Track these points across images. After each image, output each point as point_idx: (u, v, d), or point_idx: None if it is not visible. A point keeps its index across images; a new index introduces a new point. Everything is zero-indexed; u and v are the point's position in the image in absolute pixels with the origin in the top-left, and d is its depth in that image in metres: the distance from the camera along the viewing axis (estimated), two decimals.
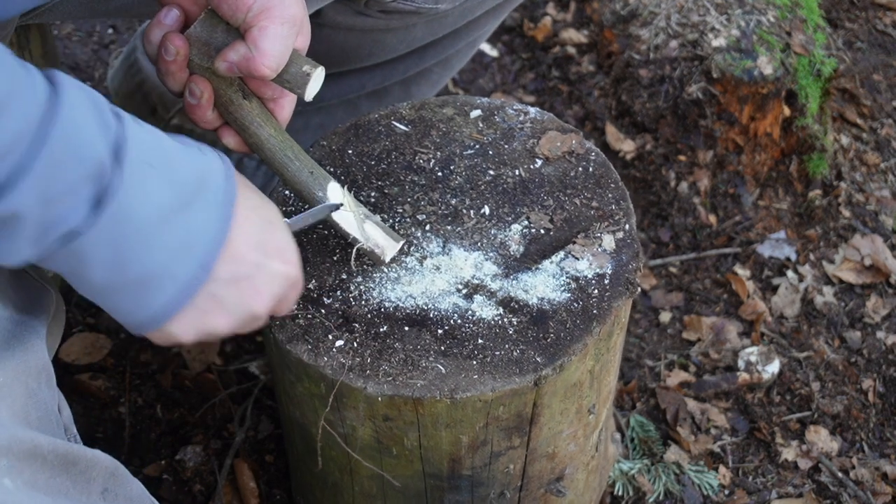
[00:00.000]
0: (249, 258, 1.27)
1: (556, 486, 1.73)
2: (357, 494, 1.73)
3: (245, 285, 1.28)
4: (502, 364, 1.44)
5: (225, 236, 1.23)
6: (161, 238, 1.18)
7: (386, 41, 1.89)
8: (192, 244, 1.21)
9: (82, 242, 1.13)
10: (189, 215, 1.20)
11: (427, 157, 1.67)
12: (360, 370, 1.43)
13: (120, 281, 1.19)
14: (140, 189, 1.15)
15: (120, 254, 1.16)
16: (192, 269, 1.21)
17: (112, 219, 1.13)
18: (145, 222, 1.16)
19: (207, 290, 1.24)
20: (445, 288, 1.52)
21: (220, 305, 1.27)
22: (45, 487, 1.19)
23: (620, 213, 1.61)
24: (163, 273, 1.20)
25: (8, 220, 1.08)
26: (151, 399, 2.28)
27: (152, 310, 1.22)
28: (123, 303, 1.22)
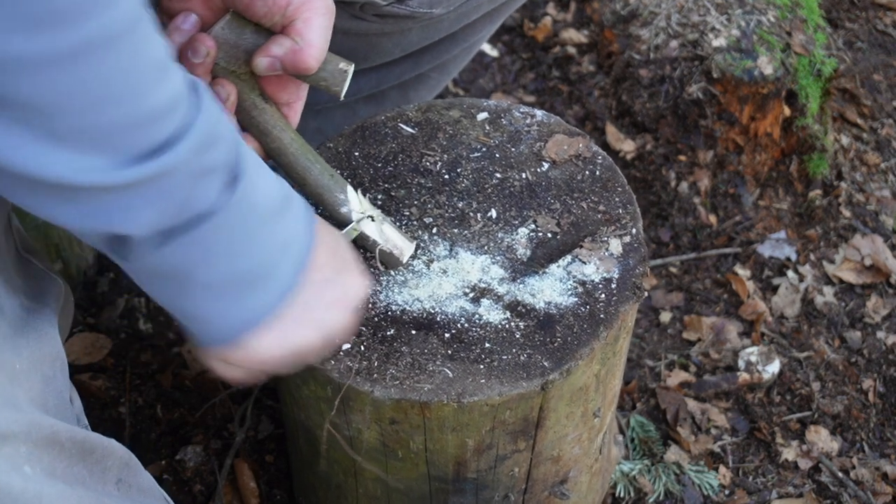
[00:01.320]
0: (331, 265, 1.30)
1: (559, 488, 1.73)
2: (361, 496, 1.72)
3: (329, 294, 1.29)
4: (509, 368, 1.44)
5: (312, 244, 1.26)
6: (270, 234, 1.21)
7: (381, 45, 1.89)
8: (290, 246, 1.23)
9: (212, 224, 1.13)
10: (287, 220, 1.23)
11: (434, 159, 1.67)
12: (367, 374, 1.43)
13: (230, 276, 1.19)
14: (259, 181, 1.18)
15: (239, 244, 1.17)
16: (290, 271, 1.23)
17: (241, 202, 1.15)
18: (263, 214, 1.19)
19: (300, 298, 1.25)
20: (452, 291, 1.52)
21: (310, 315, 1.28)
22: (64, 476, 1.19)
23: (627, 216, 1.60)
24: (268, 271, 1.21)
25: (157, 179, 1.06)
26: (152, 399, 2.27)
27: (250, 312, 1.22)
28: (220, 304, 1.21)
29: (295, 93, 1.44)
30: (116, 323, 2.37)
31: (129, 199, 1.07)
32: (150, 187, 1.06)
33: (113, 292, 2.42)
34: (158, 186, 1.07)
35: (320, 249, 1.28)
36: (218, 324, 1.23)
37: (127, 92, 1.01)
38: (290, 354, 1.28)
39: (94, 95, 0.99)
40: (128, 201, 1.07)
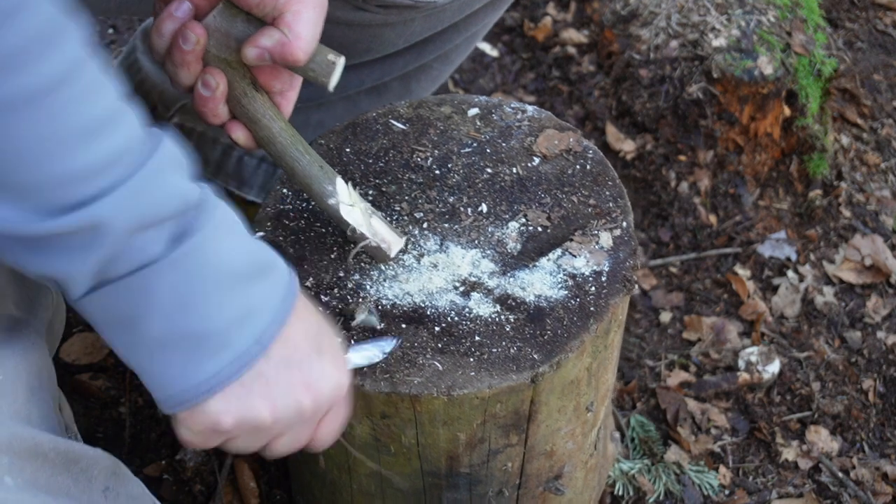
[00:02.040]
0: (303, 346, 1.24)
1: (554, 484, 1.73)
2: (356, 493, 1.72)
3: (296, 373, 1.23)
4: (499, 361, 1.44)
5: (285, 320, 1.21)
6: (229, 298, 1.16)
7: (384, 36, 1.89)
8: (254, 316, 1.18)
9: (151, 273, 1.10)
10: (256, 288, 1.18)
11: (425, 155, 1.68)
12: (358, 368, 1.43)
13: (177, 333, 1.15)
14: (219, 242, 1.14)
15: (185, 300, 1.13)
16: (249, 341, 1.18)
17: (187, 257, 1.11)
18: (218, 275, 1.14)
19: (258, 368, 1.20)
20: (443, 285, 1.52)
21: (267, 389, 1.22)
22: (47, 486, 1.19)
23: (618, 210, 1.61)
24: (221, 336, 1.16)
25: (87, 230, 1.05)
26: (152, 399, 2.27)
27: (200, 376, 1.17)
28: (171, 363, 1.17)
29: (288, 82, 1.44)
30: None
31: (55, 247, 1.06)
32: (76, 237, 1.05)
33: None
34: (85, 237, 1.06)
35: (296, 328, 1.22)
36: (169, 384, 1.18)
37: (45, 155, 1.00)
38: (243, 427, 1.23)
39: (9, 157, 0.99)
40: (54, 248, 1.06)
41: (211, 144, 2.15)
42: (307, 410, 1.25)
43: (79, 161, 1.02)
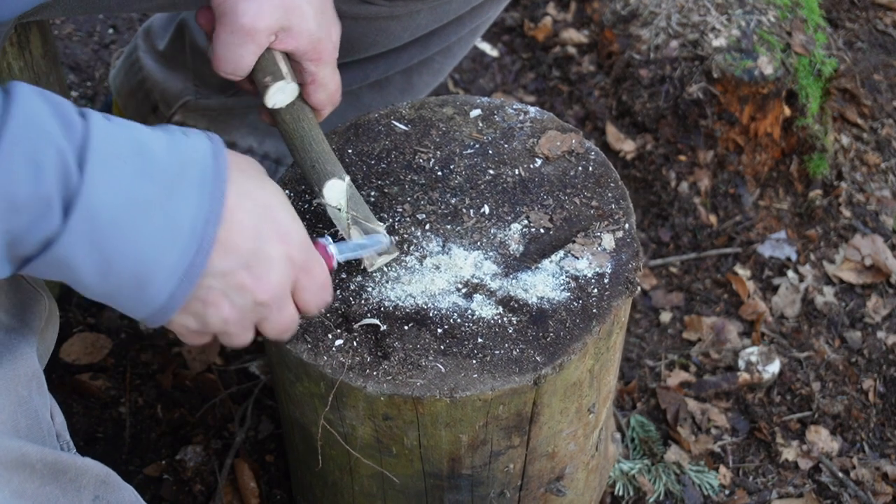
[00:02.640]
0: (244, 246, 1.24)
1: (556, 485, 1.73)
2: (357, 494, 1.72)
3: (243, 274, 1.25)
4: (502, 363, 1.44)
5: (217, 217, 1.20)
6: (143, 229, 1.15)
7: (390, 29, 1.89)
8: (179, 230, 1.18)
9: (59, 248, 1.11)
10: (172, 202, 1.17)
11: (427, 156, 1.67)
12: (360, 369, 1.43)
13: (113, 281, 1.17)
14: (110, 184, 1.13)
15: (104, 254, 1.14)
16: (180, 256, 1.18)
17: (83, 219, 1.11)
18: (121, 217, 1.14)
19: (204, 282, 1.22)
20: (445, 287, 1.52)
21: (221, 296, 1.25)
22: (35, 496, 1.19)
23: (620, 212, 1.60)
24: (152, 265, 1.17)
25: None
26: (152, 399, 2.28)
27: (154, 304, 1.20)
28: (125, 301, 1.20)
29: (308, 75, 1.52)
30: (117, 323, 2.37)
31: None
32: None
33: None
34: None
35: (233, 227, 1.23)
36: (133, 314, 1.23)
37: None
38: (211, 329, 1.28)
39: None
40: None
41: None
42: (265, 300, 1.28)
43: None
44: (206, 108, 2.13)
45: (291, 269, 1.30)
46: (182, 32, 2.11)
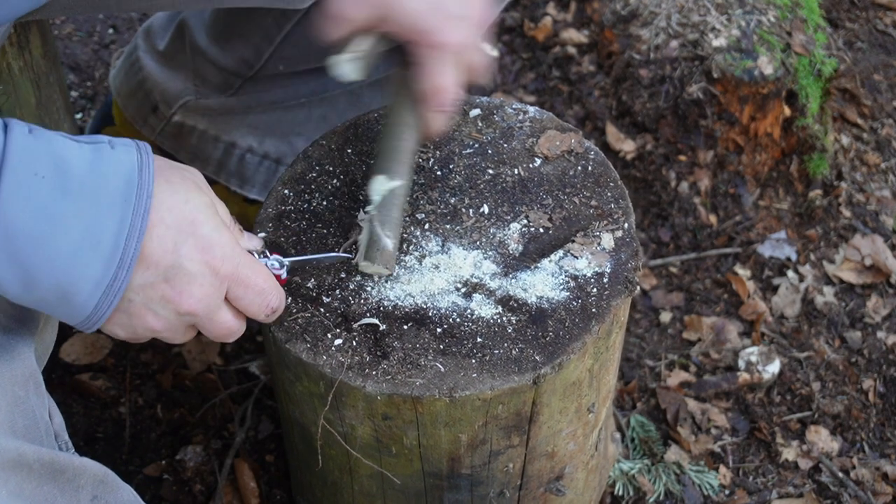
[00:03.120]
0: (164, 260, 1.25)
1: (555, 485, 1.73)
2: (357, 494, 1.72)
3: (163, 287, 1.26)
4: (501, 363, 1.44)
5: (139, 231, 1.21)
6: (61, 243, 1.16)
7: None
8: (100, 244, 1.19)
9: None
10: (93, 216, 1.18)
11: (426, 156, 1.67)
12: (359, 369, 1.43)
13: (38, 294, 1.19)
14: (26, 201, 1.13)
15: (23, 267, 1.15)
16: (104, 269, 1.20)
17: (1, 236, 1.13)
18: (37, 231, 1.15)
19: (127, 296, 1.24)
20: (444, 287, 1.52)
21: (144, 308, 1.27)
22: (32, 496, 1.19)
23: (619, 211, 1.60)
24: (75, 278, 1.19)
25: None
26: (152, 399, 2.28)
27: (81, 315, 1.23)
28: (54, 311, 1.23)
29: (415, 55, 1.53)
30: None
31: None
32: None
33: None
34: None
35: (153, 242, 1.24)
36: (66, 320, 1.25)
37: None
38: (141, 336, 1.31)
39: None
40: None
41: (213, 143, 2.15)
42: (190, 311, 1.29)
43: None
44: (206, 108, 2.13)
45: (216, 280, 1.30)
46: (182, 32, 2.11)
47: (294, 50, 1.97)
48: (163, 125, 2.19)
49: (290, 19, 1.92)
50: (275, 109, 2.09)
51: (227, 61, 2.04)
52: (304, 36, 1.93)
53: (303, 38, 1.94)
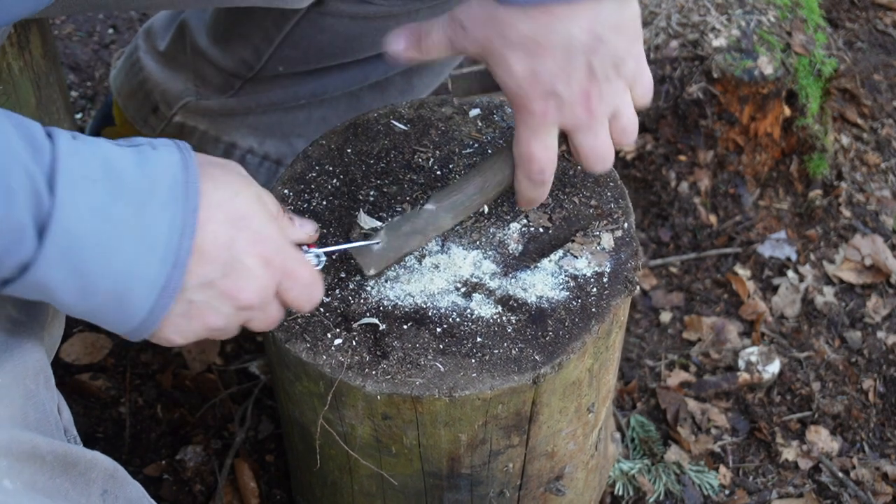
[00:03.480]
0: (221, 256, 1.24)
1: (555, 484, 1.73)
2: (356, 493, 1.72)
3: (221, 285, 1.25)
4: (501, 362, 1.44)
5: (191, 230, 1.20)
6: (118, 247, 1.15)
7: (389, 29, 1.88)
8: (154, 245, 1.18)
9: (36, 272, 1.11)
10: (146, 218, 1.17)
11: (426, 155, 1.67)
12: (359, 368, 1.43)
13: (93, 300, 1.17)
14: (82, 205, 1.12)
15: (82, 274, 1.14)
16: (158, 269, 1.18)
17: (57, 242, 1.11)
18: (96, 237, 1.14)
19: (185, 295, 1.22)
20: (444, 286, 1.52)
21: (206, 307, 1.25)
22: (45, 489, 1.19)
23: (619, 211, 1.60)
24: (131, 281, 1.17)
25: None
26: (152, 399, 2.28)
27: (136, 320, 1.20)
28: (108, 318, 1.20)
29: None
30: None
31: None
32: None
33: None
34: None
35: (207, 238, 1.22)
36: (117, 329, 1.22)
37: None
38: (197, 337, 1.28)
39: None
40: None
41: (213, 143, 2.15)
42: (248, 304, 1.28)
43: None
44: (206, 109, 2.13)
45: (271, 273, 1.30)
46: (183, 33, 2.11)
47: (293, 51, 1.97)
48: (163, 126, 2.19)
49: (289, 20, 1.92)
50: (275, 111, 2.09)
51: (227, 62, 2.04)
52: (304, 37, 1.93)
53: (302, 39, 1.94)
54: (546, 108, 1.37)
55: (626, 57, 1.37)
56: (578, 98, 1.37)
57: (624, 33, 1.36)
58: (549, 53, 1.33)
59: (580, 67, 1.34)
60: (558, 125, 1.40)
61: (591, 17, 1.32)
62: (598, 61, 1.35)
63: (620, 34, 1.36)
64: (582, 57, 1.34)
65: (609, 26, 1.34)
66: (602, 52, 1.34)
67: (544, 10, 1.31)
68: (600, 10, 1.33)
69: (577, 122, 1.40)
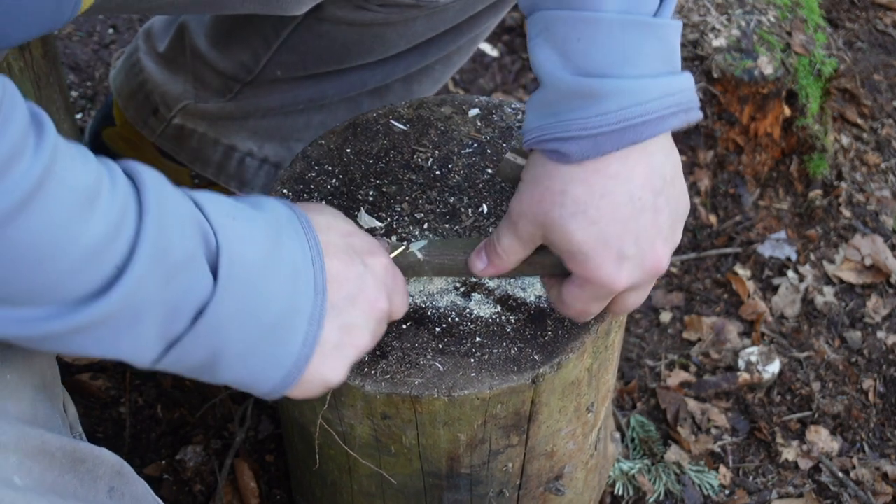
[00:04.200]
0: (351, 273, 1.25)
1: (555, 484, 1.73)
2: (356, 493, 1.72)
3: (362, 299, 1.26)
4: (500, 362, 1.43)
5: (320, 254, 1.21)
6: (275, 275, 1.16)
7: (386, 36, 1.89)
8: (298, 272, 1.19)
9: (211, 313, 1.10)
10: (283, 250, 1.18)
11: (425, 155, 1.67)
12: (358, 368, 1.43)
13: (256, 335, 1.16)
14: (237, 235, 1.13)
15: (248, 305, 1.13)
16: (310, 295, 1.19)
17: (229, 272, 1.11)
18: (256, 265, 1.14)
19: (332, 324, 1.22)
20: (443, 286, 1.52)
21: (353, 327, 1.25)
22: (54, 486, 1.19)
23: None
24: (290, 308, 1.17)
25: (128, 311, 1.05)
26: (152, 399, 2.28)
27: (294, 352, 1.19)
28: (266, 359, 1.18)
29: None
30: None
31: (102, 333, 1.05)
32: (116, 318, 1.05)
33: None
34: (125, 314, 1.04)
35: (335, 259, 1.24)
36: (266, 380, 1.21)
37: (52, 249, 0.99)
38: (355, 359, 1.27)
39: (19, 263, 0.97)
40: (102, 334, 1.06)
41: (212, 145, 2.15)
42: (384, 308, 1.29)
43: (85, 239, 1.00)
44: (205, 112, 2.13)
45: (390, 276, 1.33)
46: (182, 35, 2.11)
47: (291, 56, 1.97)
48: (163, 127, 2.19)
49: (287, 26, 1.92)
50: (274, 115, 2.09)
51: (225, 65, 2.04)
52: (301, 43, 1.93)
53: (300, 45, 1.94)
54: (611, 276, 1.29)
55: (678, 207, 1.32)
56: (648, 256, 1.30)
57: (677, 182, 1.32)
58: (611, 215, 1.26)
59: (645, 224, 1.28)
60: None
61: (647, 169, 1.27)
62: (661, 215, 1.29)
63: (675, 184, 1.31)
64: (647, 214, 1.28)
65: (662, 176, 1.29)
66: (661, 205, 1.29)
67: (595, 171, 1.25)
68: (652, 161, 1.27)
69: (643, 283, 1.33)
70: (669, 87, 1.24)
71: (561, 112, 1.24)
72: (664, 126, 1.24)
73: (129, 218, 1.04)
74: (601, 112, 1.21)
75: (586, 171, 1.25)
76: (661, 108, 1.23)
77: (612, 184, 1.25)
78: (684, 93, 1.25)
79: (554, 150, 1.25)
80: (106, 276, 1.03)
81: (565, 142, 1.24)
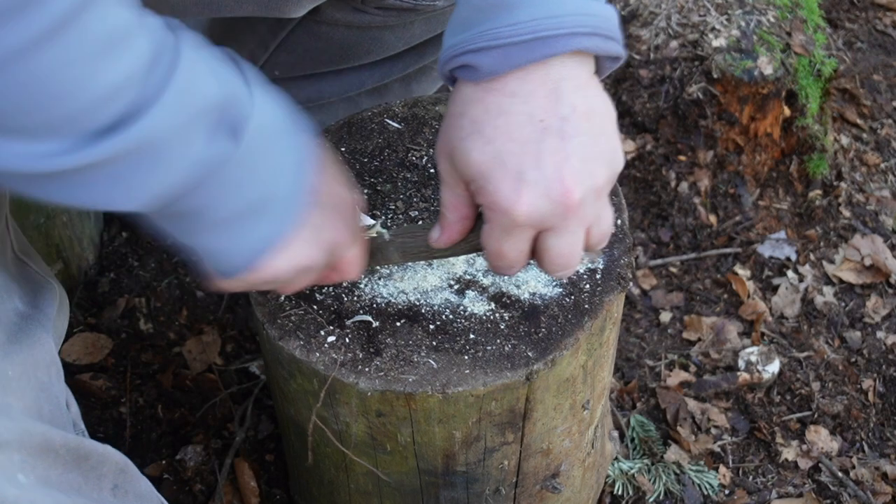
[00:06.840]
0: (332, 188, 1.26)
1: (551, 482, 1.73)
2: (353, 492, 1.73)
3: (336, 208, 1.27)
4: (494, 359, 1.44)
5: (320, 163, 1.22)
6: (282, 159, 1.16)
7: (384, 38, 1.89)
8: (302, 164, 1.19)
9: (224, 170, 1.09)
10: (297, 140, 1.18)
11: (420, 153, 1.68)
12: (352, 366, 1.43)
13: (244, 209, 1.14)
14: (266, 111, 1.13)
15: (254, 179, 1.13)
16: (300, 191, 1.19)
17: (252, 143, 1.11)
18: (276, 144, 1.15)
19: (311, 221, 1.22)
20: (437, 283, 1.52)
21: (318, 237, 1.24)
22: (58, 483, 1.19)
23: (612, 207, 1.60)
24: (281, 196, 1.17)
25: (127, 153, 1.02)
26: (152, 399, 2.28)
27: (263, 236, 1.18)
28: (237, 236, 1.17)
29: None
30: (117, 323, 2.38)
31: (105, 175, 1.03)
32: (124, 161, 1.02)
33: (113, 292, 2.43)
34: (131, 160, 1.02)
35: (324, 172, 1.24)
36: (232, 254, 1.18)
37: (76, 82, 0.97)
38: (296, 272, 1.24)
39: (42, 93, 0.96)
40: (105, 177, 1.03)
41: None
42: (343, 241, 1.28)
43: (104, 80, 0.98)
44: None
45: (351, 224, 1.33)
46: None
47: (289, 57, 1.97)
48: None
49: (284, 27, 1.92)
50: None
51: None
52: (299, 44, 1.94)
53: (297, 45, 1.94)
54: (511, 201, 1.18)
55: (599, 136, 1.22)
56: (554, 184, 1.18)
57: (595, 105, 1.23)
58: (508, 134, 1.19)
59: (549, 148, 1.18)
60: (534, 228, 1.22)
61: (548, 92, 1.19)
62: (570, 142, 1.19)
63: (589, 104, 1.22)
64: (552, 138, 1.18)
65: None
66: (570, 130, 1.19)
67: (491, 89, 1.19)
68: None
69: (553, 218, 1.21)
70: (587, 7, 1.17)
71: (473, 25, 1.20)
72: (575, 42, 1.16)
73: (164, 57, 1.03)
74: (512, 22, 1.15)
75: (483, 91, 1.19)
76: (574, 25, 1.15)
77: (508, 102, 1.17)
78: (605, 20, 1.19)
79: (465, 64, 1.20)
80: (127, 113, 1.00)
81: (476, 53, 1.18)
